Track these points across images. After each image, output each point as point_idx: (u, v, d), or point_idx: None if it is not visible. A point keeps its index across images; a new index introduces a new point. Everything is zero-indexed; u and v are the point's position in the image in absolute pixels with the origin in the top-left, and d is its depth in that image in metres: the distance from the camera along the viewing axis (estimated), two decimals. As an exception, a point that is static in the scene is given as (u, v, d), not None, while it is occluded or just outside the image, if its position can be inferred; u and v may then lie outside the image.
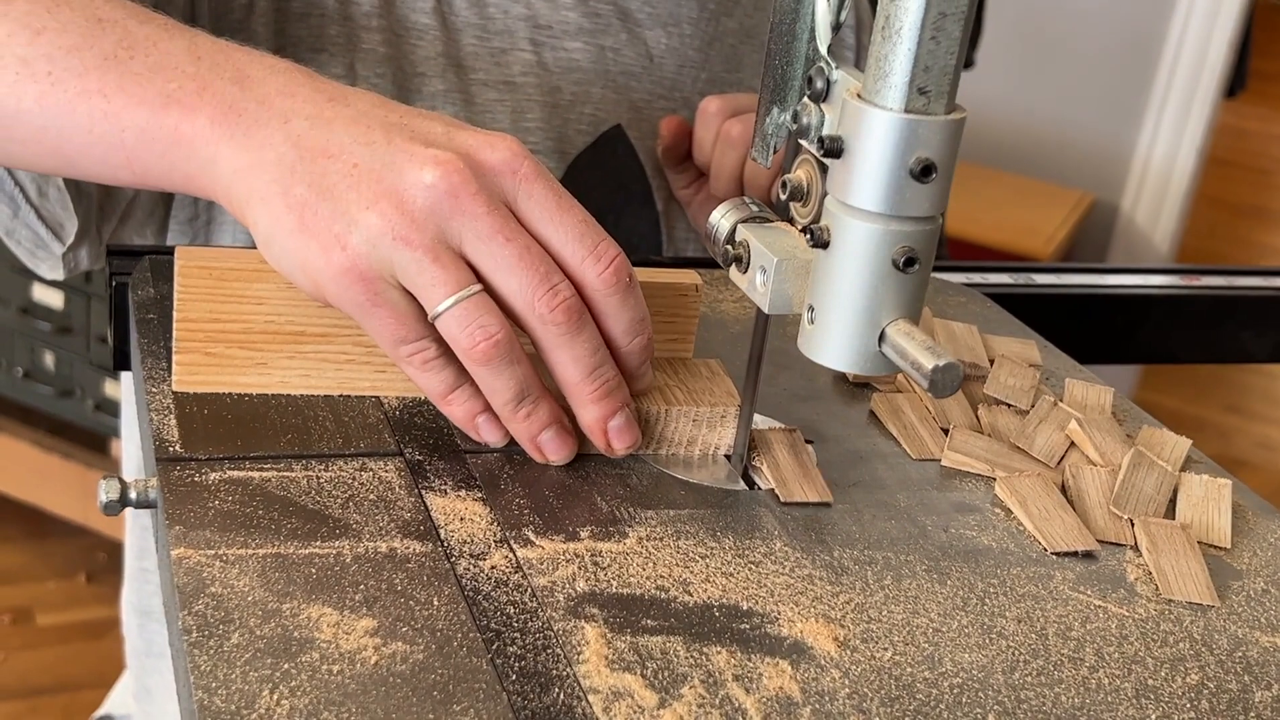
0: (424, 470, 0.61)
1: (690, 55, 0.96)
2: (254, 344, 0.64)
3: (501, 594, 0.54)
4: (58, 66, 0.61)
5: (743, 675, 0.51)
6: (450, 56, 0.89)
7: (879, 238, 0.54)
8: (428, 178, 0.56)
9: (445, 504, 0.59)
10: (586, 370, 0.60)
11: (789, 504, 0.63)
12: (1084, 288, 0.99)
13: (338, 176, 0.57)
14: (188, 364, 0.64)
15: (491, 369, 0.58)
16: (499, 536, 0.57)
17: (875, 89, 0.53)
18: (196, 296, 0.63)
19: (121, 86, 0.60)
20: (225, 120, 0.59)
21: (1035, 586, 0.60)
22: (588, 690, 0.49)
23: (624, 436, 0.62)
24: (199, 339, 0.63)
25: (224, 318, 0.63)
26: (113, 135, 0.60)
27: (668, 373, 0.68)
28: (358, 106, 0.59)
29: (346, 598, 0.52)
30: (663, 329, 0.69)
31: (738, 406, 0.65)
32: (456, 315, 0.57)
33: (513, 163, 0.58)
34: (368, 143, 0.57)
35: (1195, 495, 0.67)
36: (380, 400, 0.66)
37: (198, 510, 0.56)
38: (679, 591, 0.56)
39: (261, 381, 0.64)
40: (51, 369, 2.18)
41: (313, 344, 0.64)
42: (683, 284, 0.69)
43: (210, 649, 0.48)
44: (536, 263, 0.58)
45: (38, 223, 0.81)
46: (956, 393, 0.69)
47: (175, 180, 0.61)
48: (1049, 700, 0.53)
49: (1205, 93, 2.80)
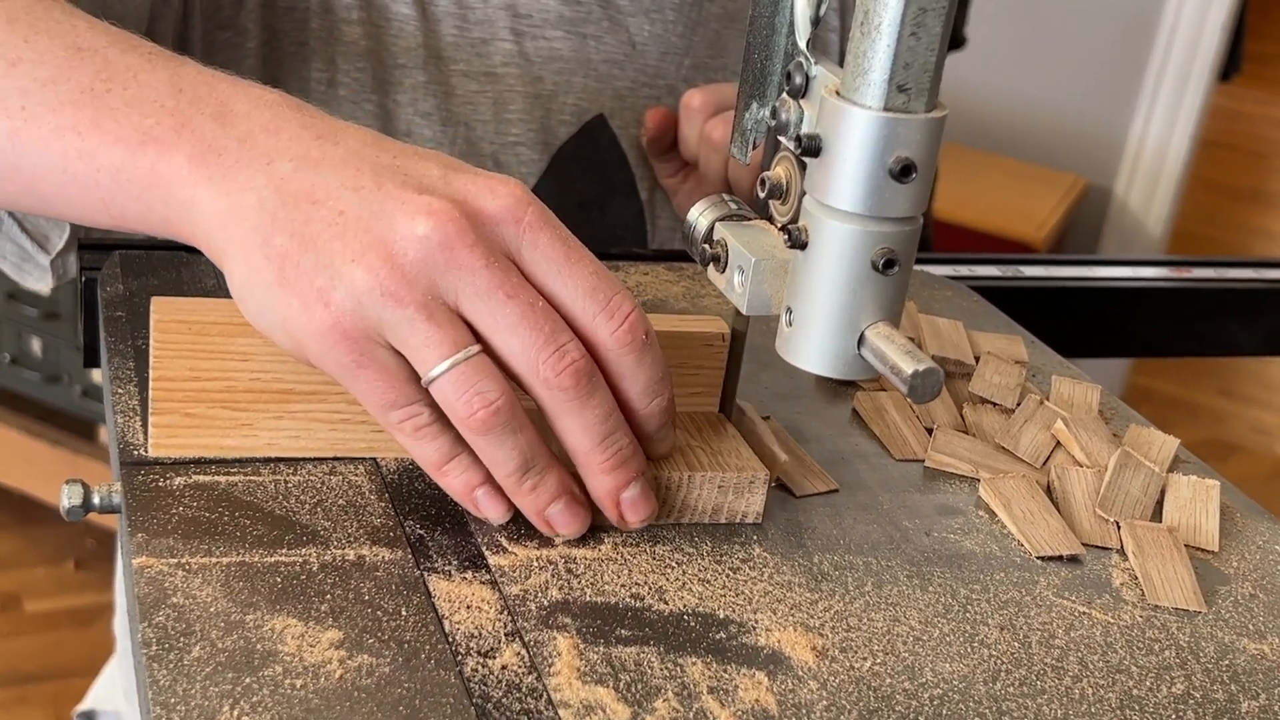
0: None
1: (673, 42, 0.95)
2: (238, 404, 0.59)
3: (513, 700, 0.50)
4: (32, 101, 0.56)
5: (718, 687, 0.50)
6: (430, 48, 0.87)
7: (858, 239, 0.53)
8: (420, 229, 0.51)
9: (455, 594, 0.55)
10: (598, 439, 0.55)
11: (783, 508, 0.62)
12: (1073, 280, 0.98)
13: (322, 225, 0.52)
14: (165, 426, 0.58)
15: (492, 439, 0.53)
16: (510, 628, 0.52)
17: (854, 86, 0.51)
18: (174, 353, 0.57)
19: (97, 123, 0.55)
20: (204, 160, 0.54)
21: (1019, 592, 0.58)
22: (558, 704, 0.48)
23: (639, 509, 0.57)
24: (177, 399, 0.58)
25: (205, 375, 0.58)
26: (88, 175, 0.56)
27: (690, 431, 0.62)
28: (348, 145, 0.54)
29: (312, 608, 0.51)
30: (685, 382, 0.63)
31: (767, 473, 0.60)
32: (453, 380, 0.52)
33: (516, 210, 0.53)
34: (356, 188, 0.53)
35: (1183, 497, 0.66)
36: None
37: (161, 517, 0.54)
38: (654, 599, 0.54)
39: (247, 444, 0.59)
40: (39, 355, 2.16)
41: (302, 403, 0.59)
42: (708, 333, 0.63)
43: (170, 662, 0.47)
44: (542, 321, 0.53)
45: (21, 235, 0.78)
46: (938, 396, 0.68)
47: (153, 223, 0.56)
48: (1031, 711, 0.51)
49: (1200, 76, 2.78)
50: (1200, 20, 2.74)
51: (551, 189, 0.91)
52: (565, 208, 0.92)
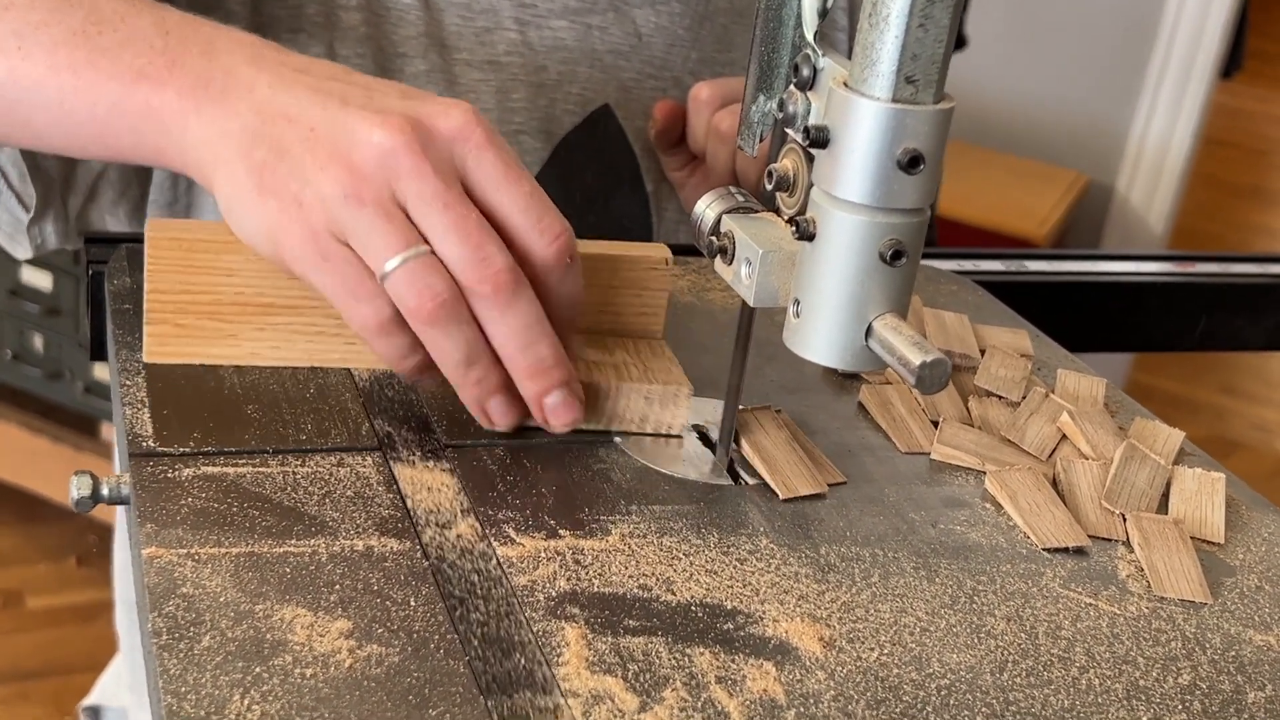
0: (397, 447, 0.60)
1: (680, 34, 0.95)
2: (224, 315, 0.64)
3: (466, 562, 0.54)
4: (27, 42, 0.61)
5: (726, 677, 0.50)
6: (433, 36, 0.87)
7: (866, 230, 0.53)
8: (375, 138, 0.57)
9: (418, 479, 0.58)
10: (519, 345, 0.60)
11: (787, 500, 0.62)
12: (1077, 275, 0.98)
13: (295, 140, 0.58)
14: (158, 335, 0.64)
15: (439, 330, 0.58)
16: (465, 506, 0.57)
17: (862, 78, 0.51)
18: (166, 268, 0.63)
19: (91, 62, 0.61)
20: (193, 92, 0.60)
21: (1025, 584, 0.59)
22: (567, 694, 0.48)
23: (560, 414, 0.62)
24: (169, 310, 0.64)
25: (194, 289, 0.64)
26: (84, 110, 0.61)
27: (629, 350, 0.68)
28: (319, 75, 0.60)
29: (321, 598, 0.51)
30: (631, 303, 0.69)
31: (690, 388, 0.65)
32: (404, 274, 0.57)
33: (464, 130, 0.58)
34: (324, 107, 0.58)
35: (1188, 489, 0.66)
36: (359, 391, 0.64)
37: (170, 508, 0.54)
38: (662, 590, 0.55)
39: (231, 353, 0.65)
40: (40, 351, 2.16)
41: (282, 316, 0.65)
42: (652, 257, 0.69)
43: (180, 652, 0.47)
44: (473, 231, 0.58)
45: (16, 205, 0.80)
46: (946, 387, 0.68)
47: (145, 153, 0.62)
48: (1038, 702, 0.52)
49: (1201, 73, 2.78)
50: (1202, 17, 2.74)
51: (554, 178, 0.91)
52: (569, 198, 0.92)
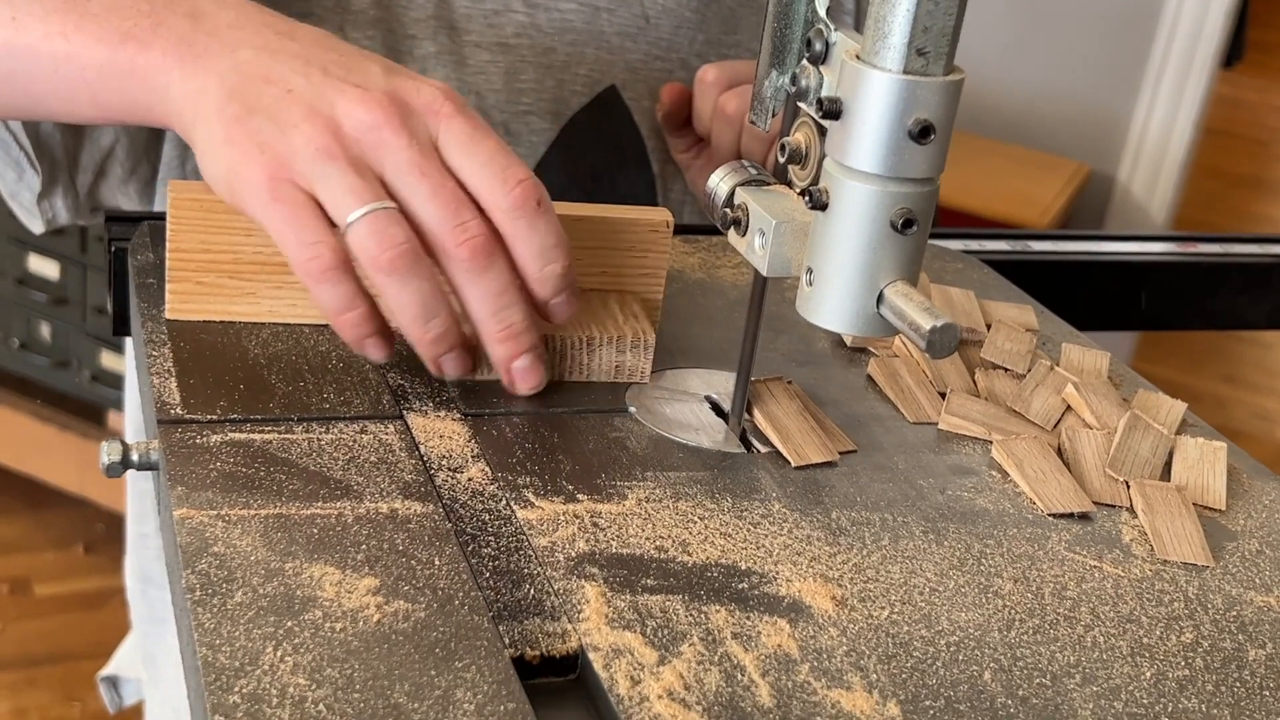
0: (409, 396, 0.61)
1: (687, 16, 0.96)
2: (243, 274, 0.67)
3: (478, 503, 0.57)
4: (20, 12, 0.64)
5: (741, 633, 0.52)
6: (442, 18, 0.89)
7: (877, 199, 0.54)
8: (356, 112, 0.59)
9: (430, 427, 0.59)
10: (492, 309, 0.61)
11: (799, 467, 0.63)
12: (1081, 254, 0.99)
13: (271, 98, 0.60)
14: (180, 293, 0.66)
15: (396, 279, 0.59)
16: (475, 453, 0.60)
17: (874, 50, 0.53)
18: (188, 227, 0.65)
19: (81, 27, 0.63)
20: (177, 51, 0.62)
21: (1031, 547, 0.60)
22: (588, 648, 0.50)
23: (527, 378, 0.64)
24: (191, 268, 0.66)
25: (214, 248, 0.66)
26: (76, 73, 0.64)
27: (597, 305, 0.70)
28: (303, 41, 0.62)
29: (349, 557, 0.52)
30: (633, 264, 0.71)
31: (653, 338, 0.68)
32: (367, 224, 0.58)
33: (434, 104, 0.61)
34: (305, 74, 0.61)
35: (1190, 458, 0.68)
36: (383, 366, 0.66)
37: (199, 472, 0.56)
38: (678, 552, 0.56)
39: (250, 310, 0.67)
40: (48, 340, 2.18)
41: None
42: (654, 220, 0.71)
43: (214, 607, 0.48)
44: (448, 198, 0.59)
45: (36, 178, 0.82)
46: (953, 355, 0.69)
47: (136, 112, 0.64)
48: (1044, 658, 0.53)
49: (1202, 63, 2.79)
50: (1203, 7, 2.75)
51: (561, 158, 0.93)
52: (576, 177, 0.94)
